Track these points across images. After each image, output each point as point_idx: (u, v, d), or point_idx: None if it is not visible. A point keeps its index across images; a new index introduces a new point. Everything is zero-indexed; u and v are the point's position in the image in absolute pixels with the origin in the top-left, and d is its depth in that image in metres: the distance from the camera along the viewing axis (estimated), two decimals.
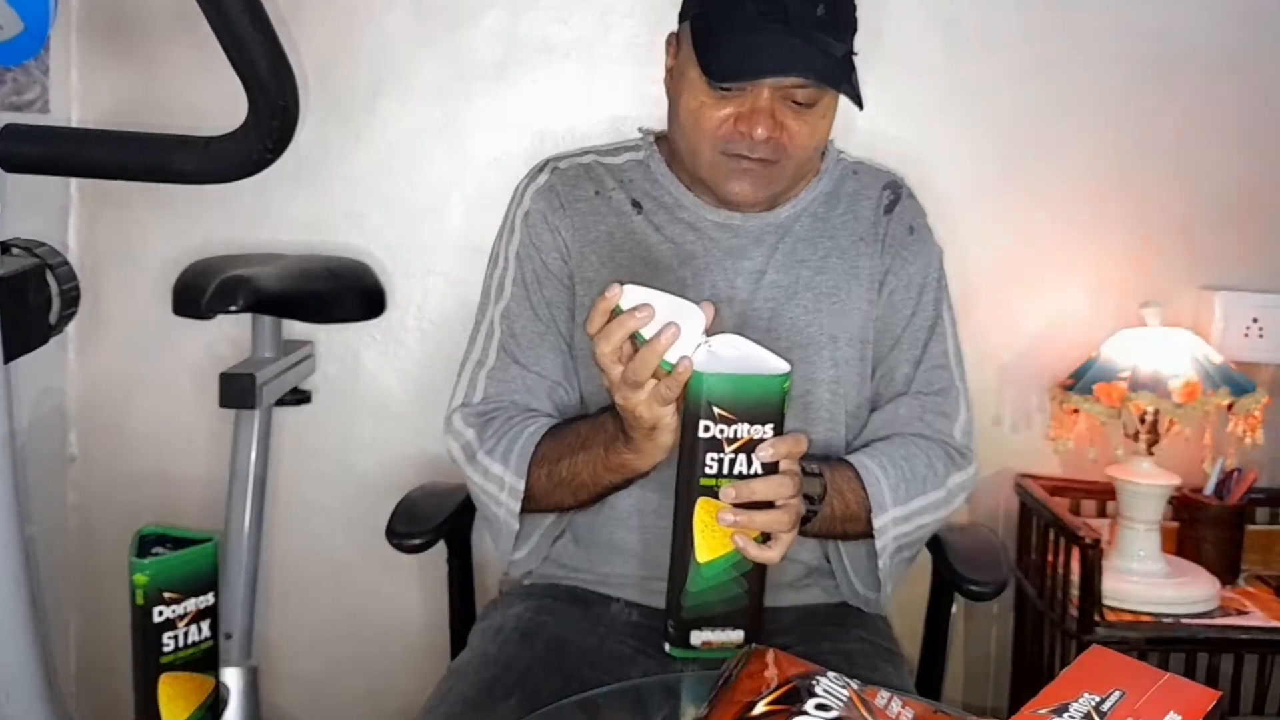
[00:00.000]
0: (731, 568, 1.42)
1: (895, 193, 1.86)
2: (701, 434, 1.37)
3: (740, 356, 1.40)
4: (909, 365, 1.82)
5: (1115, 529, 2.39)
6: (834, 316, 1.79)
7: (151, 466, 2.56)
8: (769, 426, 1.38)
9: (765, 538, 1.42)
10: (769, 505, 1.41)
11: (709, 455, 1.38)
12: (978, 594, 1.82)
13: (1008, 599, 2.57)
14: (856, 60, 1.67)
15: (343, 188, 2.50)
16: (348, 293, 2.38)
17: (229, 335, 2.46)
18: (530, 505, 1.68)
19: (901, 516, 1.69)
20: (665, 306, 1.40)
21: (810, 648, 1.51)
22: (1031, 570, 2.46)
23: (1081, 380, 2.36)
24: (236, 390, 2.16)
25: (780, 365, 1.39)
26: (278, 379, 2.28)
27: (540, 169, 1.87)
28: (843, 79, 1.63)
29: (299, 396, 2.43)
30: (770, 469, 1.40)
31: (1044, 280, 2.54)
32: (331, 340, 2.53)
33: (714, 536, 1.41)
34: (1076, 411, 2.37)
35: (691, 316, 1.40)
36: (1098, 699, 1.14)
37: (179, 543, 1.56)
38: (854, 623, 1.82)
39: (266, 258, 2.33)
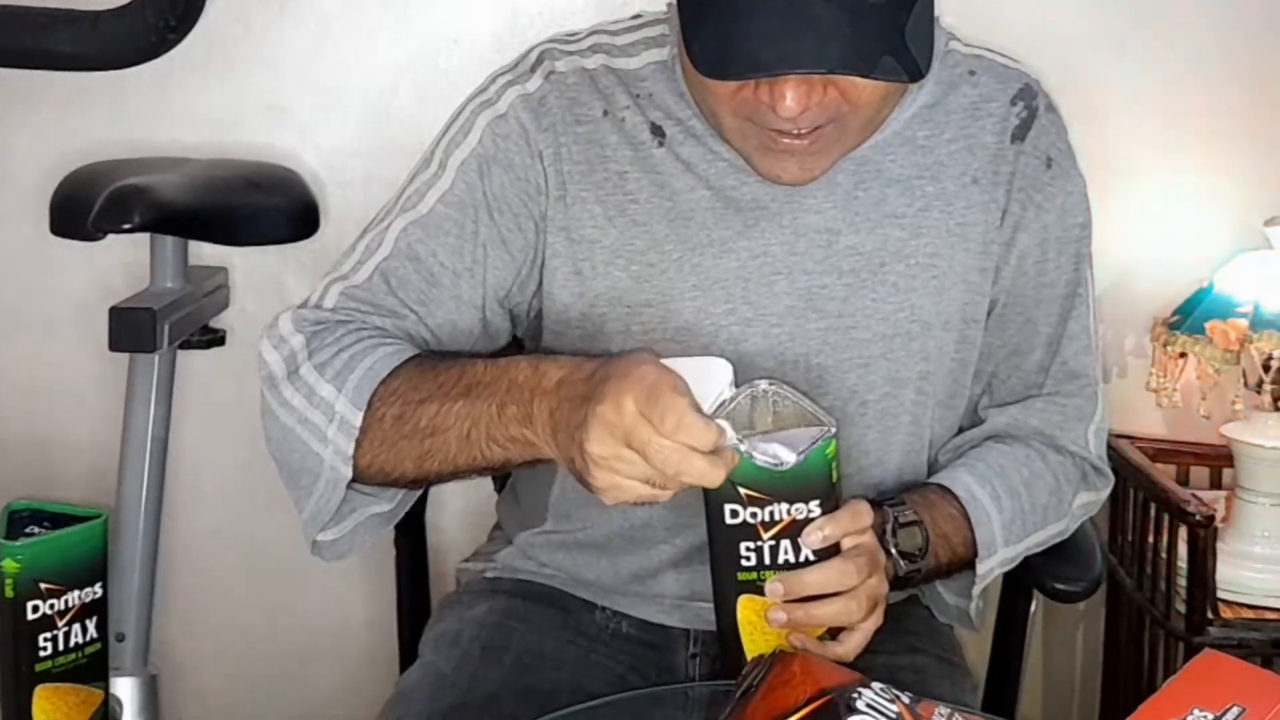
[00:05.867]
0: None
1: (1029, 108, 1.66)
2: (729, 520, 1.35)
3: (771, 417, 1.35)
4: (1043, 349, 1.73)
5: (1232, 503, 2.41)
6: (930, 296, 1.63)
7: (23, 427, 2.57)
8: (814, 503, 1.35)
9: (833, 632, 1.41)
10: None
11: (743, 545, 1.36)
12: (1065, 594, 1.79)
13: (1098, 592, 2.56)
14: None
15: (264, 75, 2.50)
16: (270, 207, 2.36)
17: (121, 261, 2.46)
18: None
19: (1010, 557, 1.67)
20: (677, 370, 1.34)
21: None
22: (1127, 555, 2.46)
23: (1191, 317, 2.36)
24: (131, 329, 2.16)
25: (821, 426, 1.34)
26: (183, 315, 2.27)
27: (532, 67, 1.64)
28: (883, 53, 1.34)
29: (210, 337, 2.43)
30: (827, 552, 1.38)
31: (1144, 191, 2.53)
32: (250, 266, 2.53)
33: (767, 637, 1.41)
34: (1184, 356, 2.38)
35: (711, 375, 1.35)
36: (1211, 715, 1.15)
37: (58, 520, 1.56)
38: (905, 628, 1.75)
39: (169, 163, 2.33)
